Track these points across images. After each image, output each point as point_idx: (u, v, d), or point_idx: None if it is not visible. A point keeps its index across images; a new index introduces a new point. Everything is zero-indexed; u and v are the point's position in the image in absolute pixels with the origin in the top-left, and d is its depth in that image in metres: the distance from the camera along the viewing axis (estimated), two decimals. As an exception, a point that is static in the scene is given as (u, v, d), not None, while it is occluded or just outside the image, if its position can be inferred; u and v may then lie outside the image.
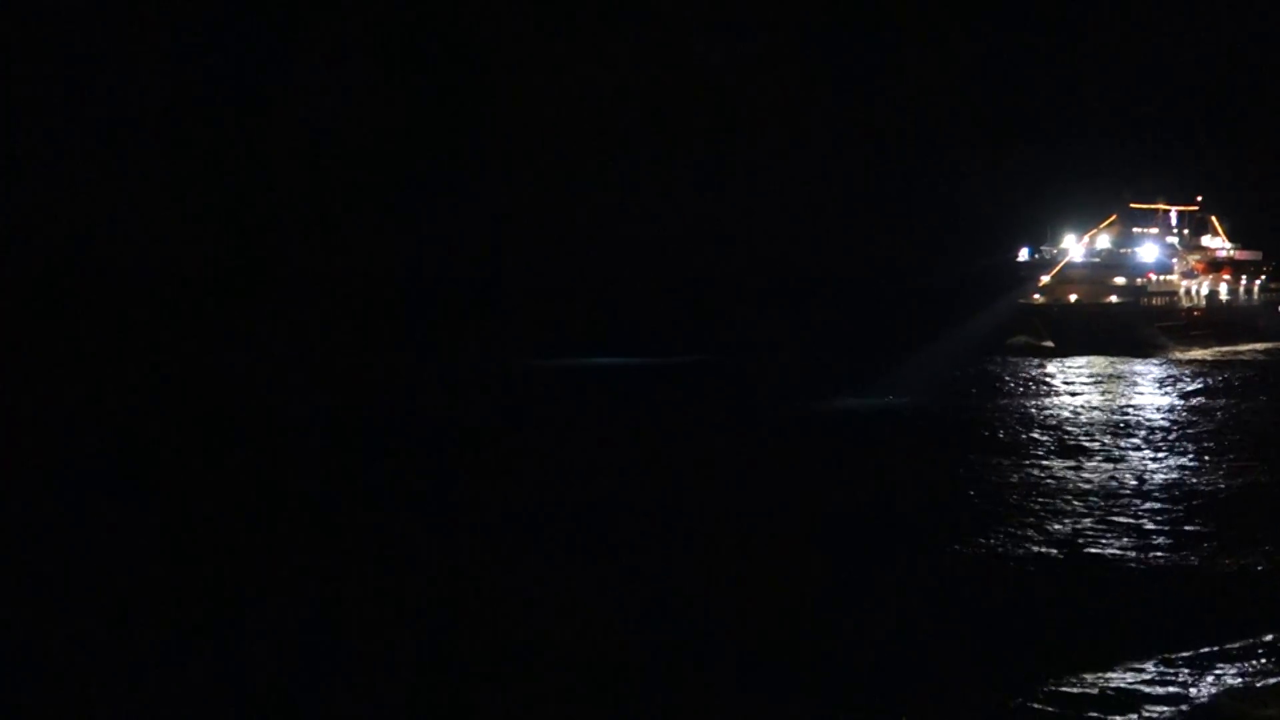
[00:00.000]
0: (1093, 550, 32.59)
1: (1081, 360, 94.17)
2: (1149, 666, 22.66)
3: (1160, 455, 49.55)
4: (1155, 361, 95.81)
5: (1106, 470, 45.59)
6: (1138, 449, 51.34)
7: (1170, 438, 54.62)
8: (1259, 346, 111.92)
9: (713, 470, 45.17)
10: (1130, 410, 65.11)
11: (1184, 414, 63.69)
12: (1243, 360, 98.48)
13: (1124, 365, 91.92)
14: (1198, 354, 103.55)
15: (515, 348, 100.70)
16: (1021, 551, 32.45)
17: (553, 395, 73.22)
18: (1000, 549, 32.68)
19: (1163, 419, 61.32)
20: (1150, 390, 75.70)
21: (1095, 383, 79.93)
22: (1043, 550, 32.70)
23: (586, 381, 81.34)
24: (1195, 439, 54.25)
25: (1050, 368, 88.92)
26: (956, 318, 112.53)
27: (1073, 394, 73.01)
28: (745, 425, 58.45)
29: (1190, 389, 76.18)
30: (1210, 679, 21.96)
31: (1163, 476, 44.42)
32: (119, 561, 30.35)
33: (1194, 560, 31.44)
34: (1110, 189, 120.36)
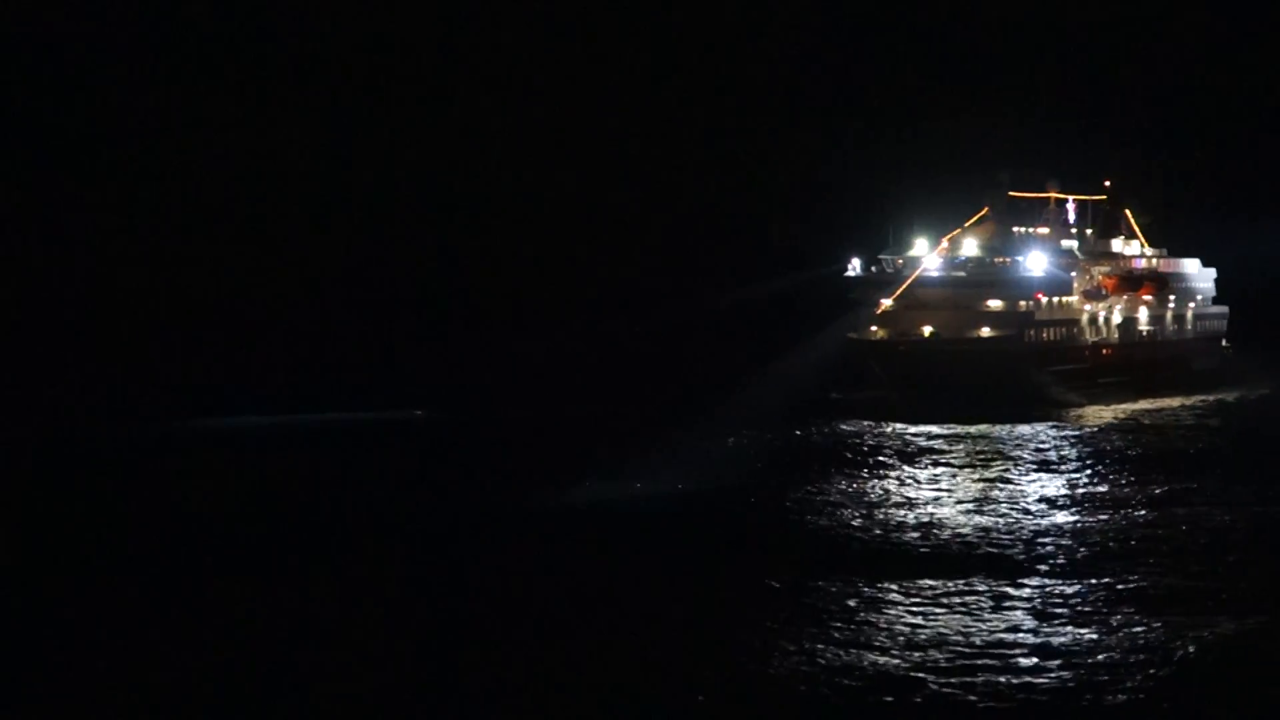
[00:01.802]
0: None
1: (937, 427, 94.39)
2: None
3: (1042, 592, 49.12)
4: (1046, 426, 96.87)
5: (956, 620, 45.41)
6: (1013, 584, 50.50)
7: (1056, 564, 54.27)
8: (1194, 401, 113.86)
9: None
10: (1005, 510, 65.14)
11: (1083, 518, 63.53)
12: (1172, 424, 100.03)
13: (1000, 433, 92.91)
14: (1108, 414, 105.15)
15: (159, 404, 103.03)
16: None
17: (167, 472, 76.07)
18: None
19: (1049, 527, 61.38)
20: (1035, 476, 75.74)
21: (956, 462, 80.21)
22: None
23: (235, 448, 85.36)
24: (1094, 566, 53.59)
25: (890, 438, 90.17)
26: (752, 361, 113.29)
27: (920, 480, 73.70)
28: (452, 529, 60.67)
29: (1095, 474, 76.54)
30: None
31: (1036, 625, 44.30)
32: None
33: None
34: (980, 172, 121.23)
